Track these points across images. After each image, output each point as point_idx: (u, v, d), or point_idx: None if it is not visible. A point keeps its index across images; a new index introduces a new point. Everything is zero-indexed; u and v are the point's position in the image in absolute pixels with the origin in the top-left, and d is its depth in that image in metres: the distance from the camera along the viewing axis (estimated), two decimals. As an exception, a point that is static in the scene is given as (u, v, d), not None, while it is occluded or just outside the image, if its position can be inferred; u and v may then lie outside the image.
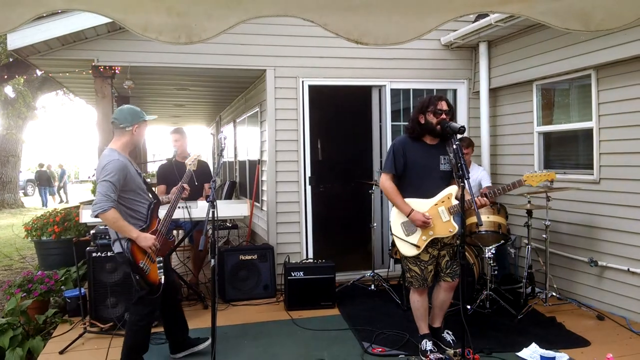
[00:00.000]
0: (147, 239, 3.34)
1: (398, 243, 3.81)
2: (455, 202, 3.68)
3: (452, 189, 3.71)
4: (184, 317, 3.97)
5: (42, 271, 5.31)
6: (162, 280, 3.42)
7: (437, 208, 3.69)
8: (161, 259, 3.46)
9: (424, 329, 3.90)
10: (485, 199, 3.69)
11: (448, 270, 3.76)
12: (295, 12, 2.18)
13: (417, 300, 3.87)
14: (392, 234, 3.88)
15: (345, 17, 2.24)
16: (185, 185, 3.86)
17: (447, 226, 3.68)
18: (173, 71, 6.07)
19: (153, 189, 3.85)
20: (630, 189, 4.49)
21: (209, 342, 3.84)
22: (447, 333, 3.93)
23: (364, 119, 6.55)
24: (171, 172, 5.43)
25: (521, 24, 5.14)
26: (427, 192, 3.72)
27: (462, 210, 3.30)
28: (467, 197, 3.32)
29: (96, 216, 3.24)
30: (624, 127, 4.52)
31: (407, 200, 3.74)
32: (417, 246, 3.71)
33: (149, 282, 3.39)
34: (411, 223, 3.69)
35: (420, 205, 3.71)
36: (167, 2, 2.08)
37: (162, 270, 3.43)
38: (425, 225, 3.65)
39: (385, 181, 3.83)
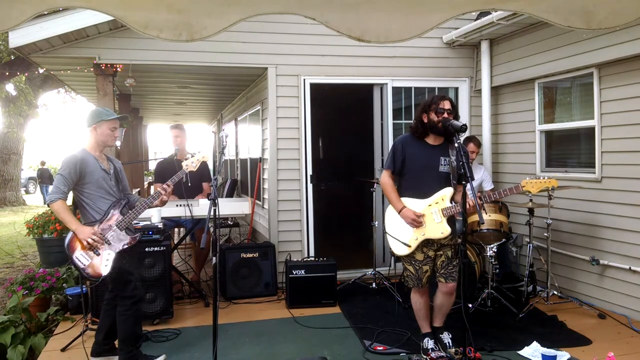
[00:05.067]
0: (83, 232, 3.44)
1: (390, 241, 3.82)
2: (448, 204, 3.67)
3: (447, 191, 3.70)
4: None
5: (44, 269, 5.32)
6: (103, 273, 3.48)
7: (431, 209, 3.68)
8: (112, 252, 3.50)
9: (425, 328, 3.91)
10: (478, 201, 3.67)
11: (442, 271, 3.73)
12: (296, 9, 2.18)
13: (417, 301, 3.88)
14: (385, 232, 3.89)
15: (346, 15, 2.23)
16: (168, 187, 3.70)
17: (438, 228, 3.66)
18: (174, 69, 6.06)
19: (136, 189, 3.84)
20: (632, 187, 4.48)
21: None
22: (447, 335, 3.89)
23: (365, 117, 6.53)
24: (171, 170, 5.33)
25: (523, 22, 5.12)
26: (424, 192, 3.72)
27: (464, 209, 3.30)
28: (467, 198, 3.31)
29: (48, 205, 3.45)
30: (626, 125, 4.51)
31: (403, 199, 3.75)
32: (408, 245, 3.71)
33: (84, 274, 3.49)
34: (404, 222, 3.70)
35: (414, 205, 3.71)
36: (167, -1, 2.08)
37: (107, 265, 3.48)
38: (414, 223, 3.65)
39: (384, 177, 3.87)
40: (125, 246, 3.56)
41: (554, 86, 5.45)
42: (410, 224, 3.67)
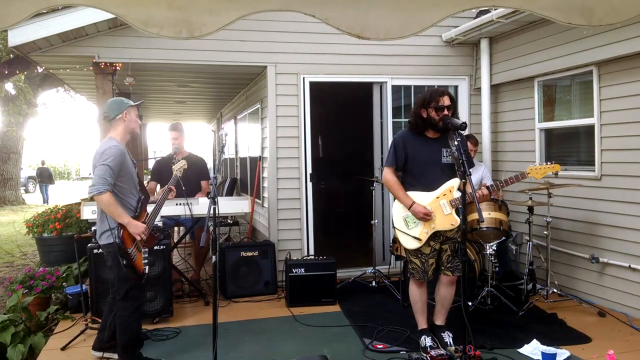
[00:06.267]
0: (137, 226, 3.35)
1: (400, 236, 3.81)
2: (457, 194, 3.67)
3: (454, 182, 3.70)
4: None
5: (44, 268, 5.32)
6: (146, 270, 3.45)
7: (439, 201, 3.69)
8: (147, 250, 3.49)
9: (422, 324, 3.91)
10: (486, 190, 3.68)
11: (449, 265, 3.76)
12: (296, 6, 2.18)
13: (415, 293, 3.88)
14: (394, 227, 3.88)
15: (346, 12, 2.23)
16: (172, 187, 3.88)
17: (448, 219, 3.67)
18: (174, 68, 6.05)
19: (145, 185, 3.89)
20: (631, 185, 4.48)
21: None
22: (448, 334, 3.89)
23: (365, 116, 6.54)
24: (169, 169, 5.32)
25: (523, 20, 5.12)
26: (430, 185, 3.73)
27: (464, 206, 3.30)
28: (469, 191, 3.32)
29: (91, 198, 3.27)
30: (625, 123, 4.51)
31: (409, 193, 3.75)
32: (418, 239, 3.71)
33: (135, 270, 3.40)
34: (413, 216, 3.69)
35: (422, 198, 3.71)
36: (167, -4, 2.08)
37: (147, 261, 3.45)
38: (426, 218, 3.65)
39: (387, 174, 3.85)
40: (152, 245, 3.54)
41: (554, 84, 5.44)
42: (422, 219, 3.67)
